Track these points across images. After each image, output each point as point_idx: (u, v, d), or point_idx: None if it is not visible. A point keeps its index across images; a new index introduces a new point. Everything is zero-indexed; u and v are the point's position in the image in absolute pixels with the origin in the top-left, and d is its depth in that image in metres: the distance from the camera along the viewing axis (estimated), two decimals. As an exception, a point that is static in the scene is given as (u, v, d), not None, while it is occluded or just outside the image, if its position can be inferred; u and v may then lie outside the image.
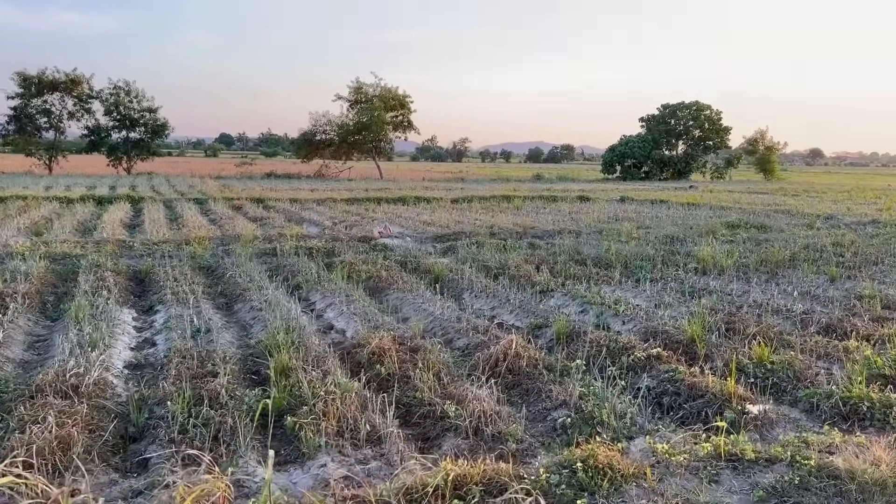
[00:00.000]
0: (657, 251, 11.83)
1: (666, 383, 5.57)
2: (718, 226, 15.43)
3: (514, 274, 9.93)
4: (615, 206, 22.83)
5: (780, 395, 5.61)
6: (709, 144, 55.73)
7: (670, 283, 9.69)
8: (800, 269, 10.64)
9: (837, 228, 16.15)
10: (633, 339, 6.62)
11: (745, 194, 34.35)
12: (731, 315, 7.66)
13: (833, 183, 53.93)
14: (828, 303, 8.56)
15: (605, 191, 34.03)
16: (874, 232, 15.11)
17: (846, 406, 5.13)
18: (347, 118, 52.58)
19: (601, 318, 7.92)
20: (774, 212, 20.95)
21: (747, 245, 12.98)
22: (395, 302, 8.65)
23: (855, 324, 7.34)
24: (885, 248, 12.49)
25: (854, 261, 11.21)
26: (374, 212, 20.08)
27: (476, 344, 6.59)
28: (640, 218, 18.59)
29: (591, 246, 12.67)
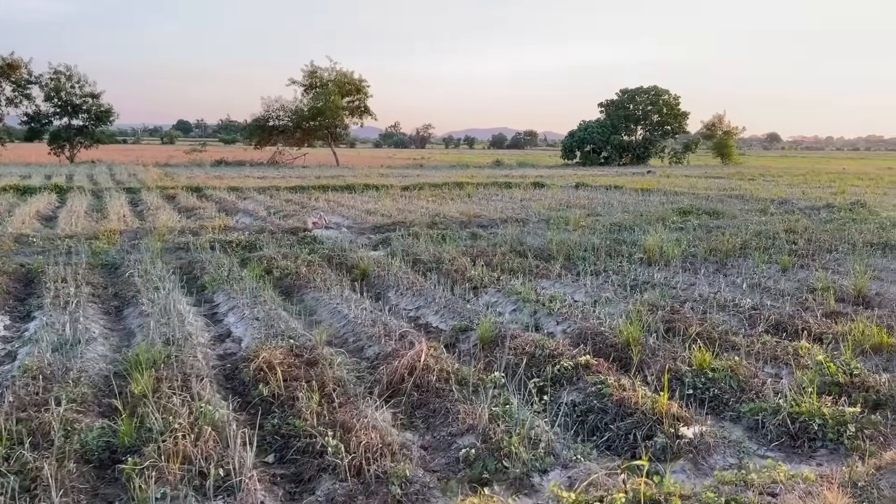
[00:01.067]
0: (603, 241, 11.16)
1: (593, 398, 4.85)
2: (669, 212, 14.87)
3: (448, 268, 9.14)
4: (569, 193, 22.22)
5: (722, 409, 4.93)
6: (667, 129, 55.63)
7: (613, 275, 9.03)
8: (751, 258, 10.07)
9: (791, 214, 15.74)
10: (563, 345, 5.89)
11: (701, 179, 34.15)
12: (674, 312, 6.99)
13: (789, 167, 54.36)
14: (779, 296, 7.97)
15: (563, 177, 33.46)
16: (828, 217, 14.71)
17: (795, 424, 4.47)
18: (302, 103, 51.10)
19: (534, 318, 7.20)
20: (729, 197, 20.57)
21: (698, 232, 12.41)
22: (311, 303, 7.80)
23: (807, 321, 6.74)
24: (839, 234, 12.03)
25: (807, 248, 10.70)
26: (317, 200, 19.10)
27: (387, 353, 5.79)
28: (593, 205, 17.98)
29: (536, 236, 11.96)
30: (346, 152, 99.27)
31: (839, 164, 60.32)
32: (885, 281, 8.84)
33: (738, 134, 63.20)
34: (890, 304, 7.58)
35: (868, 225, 13.04)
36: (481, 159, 63.29)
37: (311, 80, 51.38)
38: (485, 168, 47.44)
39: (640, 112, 55.50)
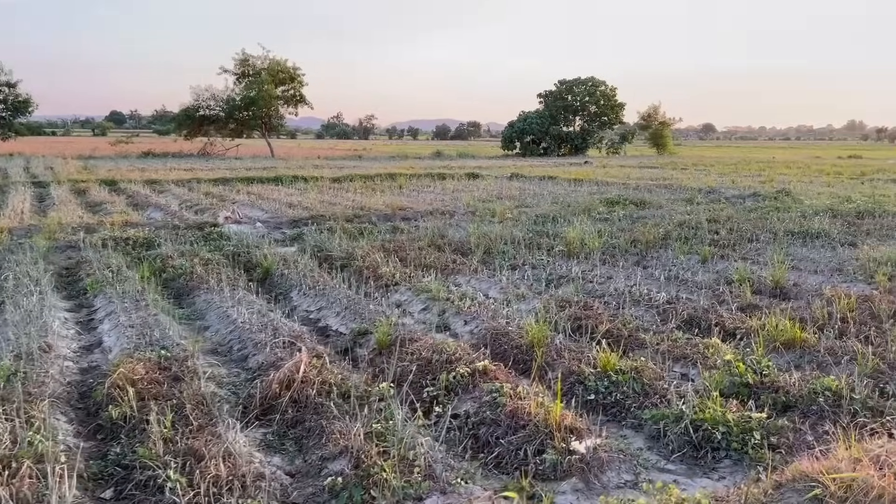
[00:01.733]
0: (526, 233, 10.83)
1: (486, 409, 4.43)
2: (597, 203, 14.69)
3: (359, 265, 8.63)
4: (503, 184, 21.93)
5: (623, 415, 4.59)
6: (604, 120, 56.21)
7: (532, 269, 8.69)
8: (672, 249, 9.89)
9: (717, 203, 15.79)
10: (465, 348, 5.46)
11: (636, 169, 34.50)
12: (586, 309, 6.66)
13: (722, 156, 55.70)
14: (696, 289, 7.76)
15: (501, 167, 33.28)
16: (753, 206, 14.79)
17: (698, 432, 4.15)
18: (234, 93, 49.45)
19: (442, 318, 6.77)
20: (658, 186, 20.63)
21: (623, 223, 12.23)
22: (202, 306, 7.17)
23: (721, 315, 6.50)
24: (761, 222, 12.02)
25: (729, 238, 10.60)
26: (238, 193, 18.25)
27: (271, 363, 5.25)
28: (524, 196, 17.71)
29: (459, 229, 11.55)
30: (286, 143, 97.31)
31: (770, 154, 62.20)
32: (804, 271, 8.76)
33: (674, 124, 64.42)
34: (806, 295, 7.45)
35: (790, 213, 13.11)
36: (423, 150, 62.78)
37: (243, 68, 49.78)
38: (425, 159, 46.96)
39: (579, 103, 55.90)
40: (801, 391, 4.69)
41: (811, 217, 12.60)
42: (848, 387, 4.61)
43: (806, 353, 5.66)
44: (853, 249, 9.92)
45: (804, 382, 4.80)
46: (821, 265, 9.02)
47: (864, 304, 6.86)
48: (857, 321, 6.40)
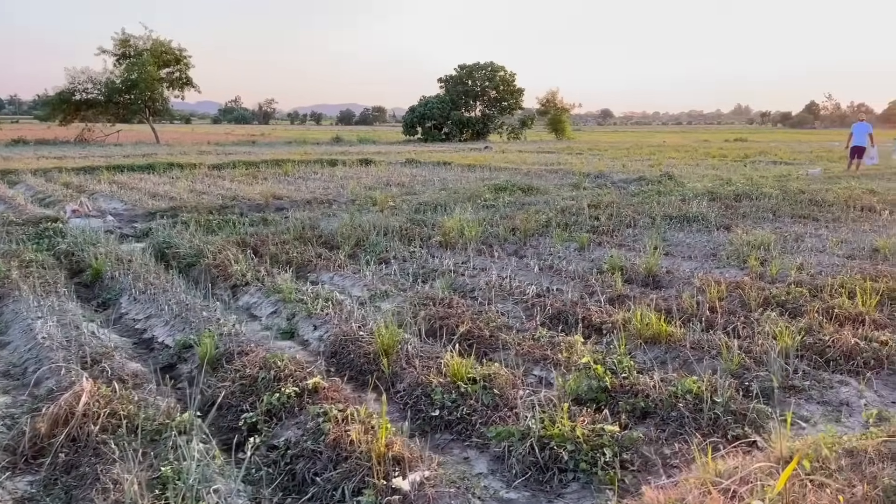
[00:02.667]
0: (404, 222, 10.22)
1: (308, 438, 3.79)
2: (484, 189, 14.28)
3: (209, 263, 7.75)
4: (396, 170, 21.25)
5: (469, 433, 4.06)
6: (504, 105, 56.43)
7: (403, 262, 8.09)
8: (551, 236, 9.55)
9: (604, 188, 15.76)
10: (300, 361, 4.79)
11: (533, 153, 34.67)
12: (449, 306, 6.14)
13: (617, 141, 57.29)
14: (569, 279, 7.40)
15: (399, 153, 32.53)
16: (637, 190, 14.82)
17: (545, 451, 3.67)
18: (114, 75, 46.18)
19: (292, 323, 6.06)
20: (551, 171, 20.56)
21: (508, 210, 11.85)
22: (9, 317, 6.13)
23: (589, 309, 6.13)
24: (643, 207, 11.94)
25: (608, 224, 10.39)
26: (102, 183, 16.66)
27: (63, 389, 4.38)
28: (414, 182, 17.10)
29: (335, 219, 10.80)
30: (179, 129, 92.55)
31: (661, 138, 64.57)
32: (678, 257, 8.61)
33: (572, 109, 65.65)
34: (678, 283, 7.23)
35: (671, 197, 13.16)
36: (323, 135, 61.00)
37: (123, 49, 46.54)
38: (322, 145, 45.53)
39: (479, 88, 55.81)
40: (661, 395, 4.32)
41: (691, 200, 12.66)
42: (710, 388, 4.28)
43: (672, 349, 5.34)
44: (728, 233, 9.93)
45: (665, 384, 4.44)
46: (696, 250, 8.91)
47: (735, 291, 6.68)
48: (726, 311, 6.19)
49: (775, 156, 32.52)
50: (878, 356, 5.07)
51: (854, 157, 21.95)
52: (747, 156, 32.68)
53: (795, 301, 6.33)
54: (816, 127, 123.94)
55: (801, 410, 4.42)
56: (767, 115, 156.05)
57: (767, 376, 4.73)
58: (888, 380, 4.92)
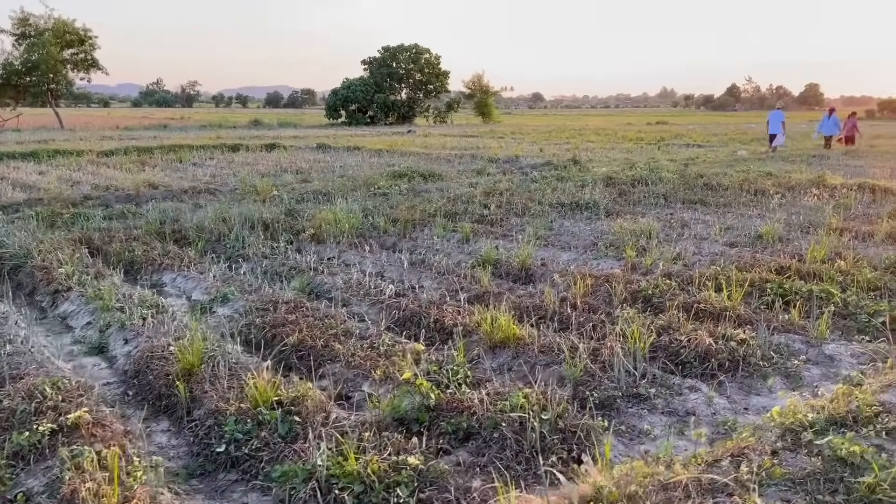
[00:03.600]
0: (280, 214, 9.52)
1: (46, 490, 3.13)
2: (381, 176, 13.66)
3: (36, 265, 6.88)
4: (301, 156, 20.35)
5: (255, 473, 3.49)
6: (430, 88, 55.71)
7: (265, 259, 7.42)
8: (434, 227, 9.04)
9: (508, 174, 15.38)
10: (74, 388, 4.10)
11: (455, 137, 34.20)
12: (292, 310, 5.53)
13: (542, 124, 57.39)
14: (439, 275, 6.90)
15: (317, 137, 31.46)
16: (539, 175, 14.49)
17: (332, 493, 3.13)
18: (13, 56, 43.18)
19: (105, 335, 5.33)
20: (462, 156, 20.08)
21: (402, 198, 11.27)
22: None
23: (444, 310, 5.64)
24: (539, 193, 11.56)
25: (497, 213, 9.96)
26: (-31, 173, 15.19)
27: None
28: (314, 169, 16.31)
29: (207, 211, 9.97)
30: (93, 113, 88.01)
31: (586, 122, 65.17)
32: (558, 247, 8.23)
33: (498, 93, 65.46)
34: (550, 277, 6.83)
35: (570, 183, 12.86)
36: (242, 119, 58.90)
37: (22, 28, 43.50)
38: (239, 128, 43.84)
39: (403, 70, 54.87)
40: (489, 410, 3.86)
41: (588, 186, 12.40)
42: (539, 403, 3.84)
43: (521, 354, 4.90)
44: (616, 220, 9.65)
45: (494, 399, 3.97)
46: (579, 240, 8.57)
47: (603, 285, 6.32)
48: (588, 308, 5.81)
49: (690, 139, 33.07)
50: (734, 357, 4.76)
51: (771, 141, 23.63)
52: (663, 139, 33.11)
53: (662, 295, 6.01)
54: (738, 109, 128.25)
55: (643, 423, 4.05)
56: (691, 98, 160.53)
57: (612, 384, 4.36)
58: (743, 382, 4.62)
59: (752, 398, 4.43)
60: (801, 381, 4.64)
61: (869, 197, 11.29)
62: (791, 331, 5.40)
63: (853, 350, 5.14)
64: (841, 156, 21.05)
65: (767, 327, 5.47)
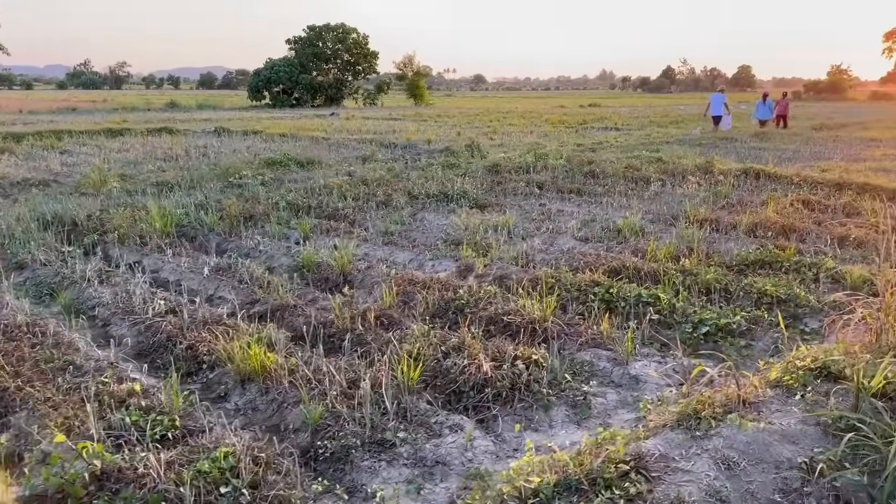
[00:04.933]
0: (97, 210, 8.47)
1: None
2: (253, 164, 12.61)
3: None
4: (190, 141, 19.01)
5: None
6: (358, 69, 54.20)
7: (45, 267, 6.43)
8: (272, 224, 8.15)
9: (398, 160, 14.55)
10: None
11: (379, 121, 33.15)
12: (18, 336, 4.60)
13: (475, 107, 56.58)
14: (239, 285, 6.04)
15: (224, 121, 29.92)
16: (427, 163, 13.69)
17: None
18: None
19: None
20: (360, 141, 19.09)
21: (260, 189, 10.31)
22: None
23: (202, 336, 4.80)
24: (413, 183, 10.74)
25: (354, 206, 9.15)
26: None
27: None
28: (189, 156, 15.09)
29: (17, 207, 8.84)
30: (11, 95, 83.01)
31: (520, 104, 64.72)
32: (399, 245, 7.47)
33: (430, 74, 64.30)
34: (370, 284, 6.07)
35: (455, 171, 12.12)
36: (160, 101, 56.18)
37: None
38: (154, 111, 41.72)
39: (330, 51, 53.17)
40: (168, 482, 3.06)
41: (471, 174, 11.70)
42: (240, 466, 3.08)
43: (272, 389, 4.12)
44: (482, 213, 8.97)
45: (190, 459, 3.19)
46: (429, 236, 7.85)
47: (418, 293, 5.59)
48: (386, 323, 5.08)
49: (611, 122, 32.83)
50: (515, 384, 4.09)
51: (715, 124, 24.04)
52: (585, 122, 32.78)
53: (476, 305, 5.32)
54: (673, 91, 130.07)
55: (374, 481, 3.31)
56: (628, 81, 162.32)
57: (356, 428, 3.62)
58: (523, 415, 3.96)
59: (529, 435, 3.77)
60: (589, 411, 4.01)
61: (753, 183, 10.92)
62: (601, 345, 4.79)
63: (664, 368, 4.55)
64: (750, 138, 20.97)
65: (577, 342, 4.85)
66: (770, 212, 8.18)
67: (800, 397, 3.63)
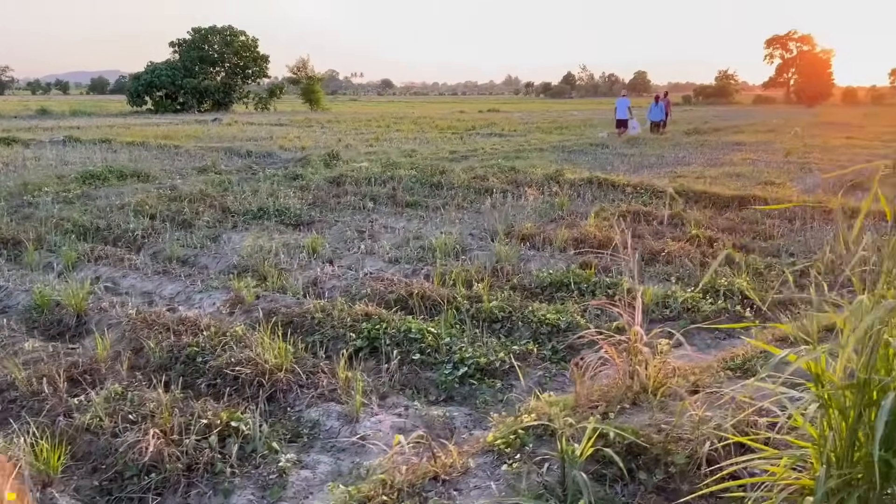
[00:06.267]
0: None
1: None
2: (62, 179, 11.30)
3: None
4: (33, 151, 17.27)
5: None
6: (248, 73, 52.16)
7: None
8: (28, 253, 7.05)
9: (243, 171, 13.53)
10: None
11: (263, 126, 31.81)
12: None
13: (374, 112, 55.53)
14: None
15: (93, 128, 27.74)
16: (272, 174, 12.75)
17: None
18: None
19: None
20: (215, 149, 17.80)
21: (57, 208, 9.11)
22: None
23: None
24: (235, 199, 9.80)
25: (149, 227, 8.14)
26: None
27: None
28: (10, 170, 13.52)
29: None
30: None
31: (419, 109, 64.31)
32: (174, 275, 6.55)
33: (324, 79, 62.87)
34: (107, 326, 5.15)
35: (298, 182, 11.29)
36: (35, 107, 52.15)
37: None
38: (22, 118, 38.49)
39: (217, 54, 50.92)
40: None
41: (310, 187, 10.89)
42: None
43: None
44: (307, 230, 8.20)
45: None
46: (220, 261, 6.97)
47: (150, 342, 4.74)
48: (84, 382, 4.20)
49: (499, 128, 32.77)
50: (193, 464, 3.33)
51: (620, 128, 24.32)
52: (474, 128, 32.58)
53: (211, 353, 4.52)
54: (573, 96, 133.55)
55: None
56: (531, 86, 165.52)
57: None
58: (199, 502, 3.20)
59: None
60: (283, 491, 3.29)
61: (595, 192, 10.65)
62: (337, 398, 4.10)
63: (402, 423, 3.90)
64: (620, 144, 21.16)
65: (311, 395, 4.15)
66: (591, 225, 7.80)
67: (507, 467, 3.06)
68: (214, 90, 50.01)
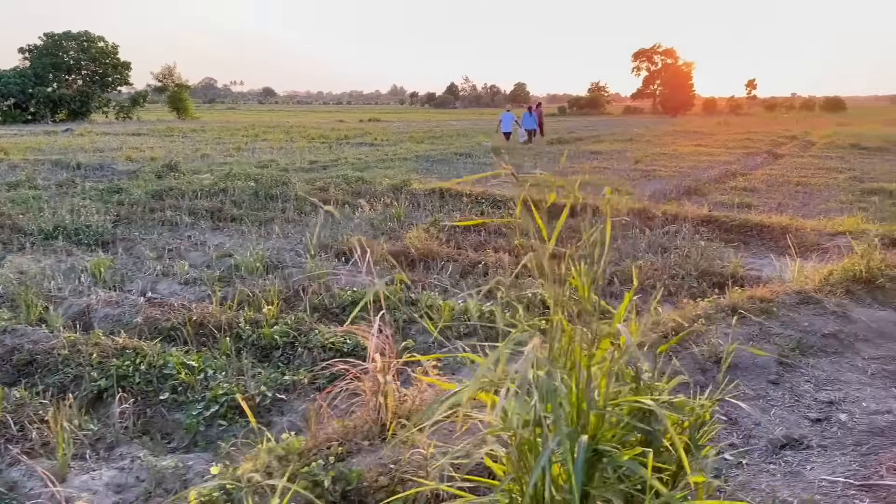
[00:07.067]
0: None
1: None
2: None
3: None
4: None
5: None
6: (108, 81, 48.84)
7: None
8: None
9: (67, 185, 12.30)
10: None
11: (115, 136, 29.72)
12: None
13: (249, 121, 53.53)
14: None
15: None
16: (92, 188, 11.62)
17: None
18: None
19: None
20: (42, 162, 16.26)
21: None
22: None
23: None
24: (38, 216, 8.77)
25: None
26: None
27: None
28: None
29: None
30: None
31: (294, 118, 62.76)
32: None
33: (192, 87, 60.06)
34: None
35: (111, 198, 10.29)
36: None
37: None
38: None
39: (73, 61, 47.33)
40: None
41: (130, 202, 9.97)
42: None
43: None
44: (84, 254, 7.34)
45: None
46: None
47: None
48: None
49: (372, 137, 32.35)
50: None
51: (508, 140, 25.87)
52: (346, 137, 31.98)
53: None
54: (457, 107, 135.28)
55: None
56: (416, 96, 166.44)
57: None
58: None
59: None
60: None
61: (437, 203, 10.41)
62: (47, 454, 3.48)
63: (124, 479, 3.34)
64: (484, 154, 21.28)
65: (17, 449, 3.51)
66: (414, 238, 7.49)
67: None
68: (70, 99, 46.37)
